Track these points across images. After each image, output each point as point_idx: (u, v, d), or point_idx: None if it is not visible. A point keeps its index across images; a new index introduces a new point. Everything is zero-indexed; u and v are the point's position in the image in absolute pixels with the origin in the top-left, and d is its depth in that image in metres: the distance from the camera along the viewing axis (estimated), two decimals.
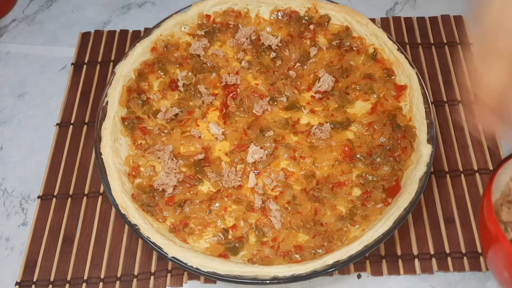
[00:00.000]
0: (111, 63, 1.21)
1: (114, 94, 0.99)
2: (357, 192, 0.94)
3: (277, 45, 1.09)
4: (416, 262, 0.94)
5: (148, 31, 1.08)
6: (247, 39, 1.10)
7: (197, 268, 0.82)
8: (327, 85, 1.03)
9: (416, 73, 1.00)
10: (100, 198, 1.03)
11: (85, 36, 1.26)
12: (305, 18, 1.12)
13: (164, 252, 0.83)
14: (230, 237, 0.90)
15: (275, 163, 0.97)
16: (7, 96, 1.19)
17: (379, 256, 0.94)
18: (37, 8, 1.34)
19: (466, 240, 0.96)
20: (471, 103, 0.71)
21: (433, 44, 1.21)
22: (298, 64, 1.07)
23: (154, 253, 0.96)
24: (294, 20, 1.12)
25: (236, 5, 1.13)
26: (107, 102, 0.99)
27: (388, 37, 1.05)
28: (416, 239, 0.96)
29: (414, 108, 0.97)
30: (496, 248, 0.78)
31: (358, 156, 0.96)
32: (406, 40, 1.21)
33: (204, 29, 1.11)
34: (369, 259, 0.94)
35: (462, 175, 1.03)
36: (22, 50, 1.26)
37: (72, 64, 1.22)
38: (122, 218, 0.88)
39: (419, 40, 1.21)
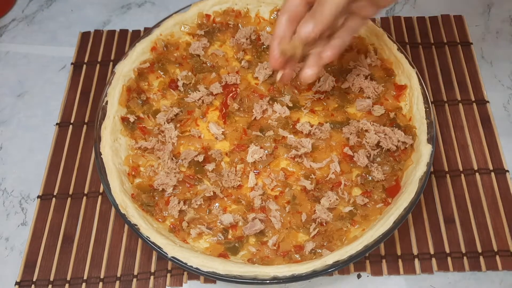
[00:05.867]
0: (111, 63, 1.21)
1: (114, 94, 0.99)
2: (357, 192, 0.94)
3: None
4: (416, 262, 0.94)
5: (147, 31, 1.08)
6: (247, 39, 1.10)
7: (197, 268, 0.82)
8: (327, 85, 1.03)
9: (416, 72, 1.00)
10: (99, 198, 1.03)
11: (84, 36, 1.26)
12: None
13: (164, 252, 0.83)
14: (230, 237, 0.90)
15: (275, 163, 0.97)
16: (7, 96, 1.19)
17: (379, 256, 0.94)
18: (36, 7, 1.34)
19: (466, 240, 0.96)
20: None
21: (433, 44, 1.20)
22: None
23: (154, 253, 0.96)
24: None
25: (236, 4, 1.13)
26: (106, 101, 0.99)
27: (388, 36, 1.05)
28: (416, 239, 0.96)
29: (414, 108, 0.97)
30: None
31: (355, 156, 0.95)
32: (406, 40, 1.21)
33: (204, 28, 1.11)
34: (369, 259, 0.94)
35: (462, 175, 1.03)
36: (21, 50, 1.26)
37: (71, 63, 1.22)
38: (121, 218, 0.88)
39: (419, 40, 1.21)
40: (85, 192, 1.04)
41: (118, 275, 0.94)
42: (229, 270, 0.81)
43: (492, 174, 1.02)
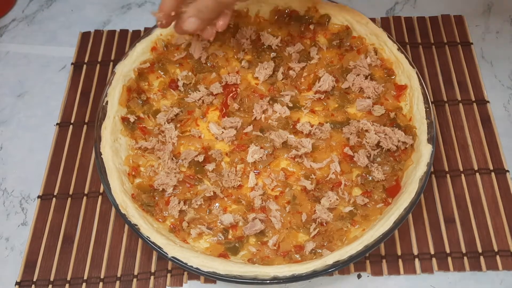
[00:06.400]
0: (111, 63, 1.21)
1: (114, 94, 0.99)
2: (357, 192, 0.94)
3: (277, 45, 1.09)
4: (416, 262, 0.94)
5: (148, 31, 1.08)
6: (247, 39, 1.10)
7: (197, 268, 0.82)
8: (327, 85, 1.03)
9: (416, 72, 1.00)
10: (100, 198, 1.03)
11: (85, 36, 1.26)
12: (305, 18, 1.12)
13: (164, 252, 0.83)
14: (230, 237, 0.90)
15: (275, 163, 0.97)
16: (7, 96, 1.19)
17: (379, 256, 0.94)
18: (37, 7, 1.34)
19: (466, 240, 0.96)
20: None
21: (433, 44, 1.20)
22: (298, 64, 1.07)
23: (154, 253, 0.96)
24: (294, 20, 1.12)
25: (236, 5, 1.12)
26: (107, 102, 0.99)
27: (388, 36, 1.05)
28: (416, 239, 0.96)
29: (414, 108, 0.97)
30: None
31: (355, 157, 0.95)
32: (406, 40, 1.21)
33: None
34: (369, 259, 0.94)
35: (462, 175, 1.03)
36: (22, 50, 1.26)
37: (72, 64, 1.22)
38: (122, 218, 0.88)
39: (419, 40, 1.21)
40: (85, 192, 1.03)
41: (118, 275, 0.94)
42: (229, 270, 0.81)
43: (492, 174, 1.02)
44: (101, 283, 0.94)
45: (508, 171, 1.03)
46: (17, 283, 0.94)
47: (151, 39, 1.07)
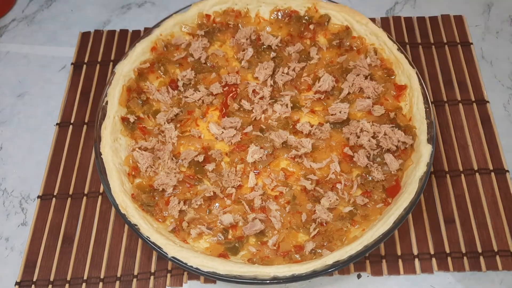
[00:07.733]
0: (111, 63, 1.21)
1: (114, 94, 0.99)
2: (357, 192, 0.94)
3: (277, 45, 1.09)
4: (416, 262, 0.94)
5: (148, 31, 1.08)
6: (247, 39, 1.10)
7: (197, 268, 0.82)
8: (327, 85, 1.03)
9: (416, 73, 1.00)
10: (100, 198, 1.03)
11: (85, 36, 1.26)
12: (305, 17, 1.12)
13: (164, 252, 0.83)
14: (230, 237, 0.90)
15: (275, 163, 0.97)
16: (7, 96, 1.19)
17: (379, 256, 0.94)
18: (36, 8, 1.34)
19: (466, 240, 0.96)
20: None
21: (433, 44, 1.20)
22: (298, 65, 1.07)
23: (154, 253, 0.96)
24: (294, 20, 1.12)
25: (236, 4, 1.13)
26: (106, 101, 0.99)
27: (388, 36, 1.05)
28: (416, 239, 0.96)
29: (414, 108, 0.97)
30: None
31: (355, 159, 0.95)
32: (406, 40, 1.21)
33: (204, 29, 1.11)
34: (369, 259, 0.94)
35: (462, 175, 1.03)
36: (22, 50, 1.26)
37: (71, 64, 1.22)
38: (122, 218, 0.88)
39: (419, 40, 1.21)
40: (85, 192, 1.03)
41: (118, 275, 0.94)
42: (229, 270, 0.81)
43: (492, 174, 1.02)
44: (101, 283, 0.94)
45: (508, 171, 1.03)
46: (17, 283, 0.94)
47: (151, 39, 1.07)
